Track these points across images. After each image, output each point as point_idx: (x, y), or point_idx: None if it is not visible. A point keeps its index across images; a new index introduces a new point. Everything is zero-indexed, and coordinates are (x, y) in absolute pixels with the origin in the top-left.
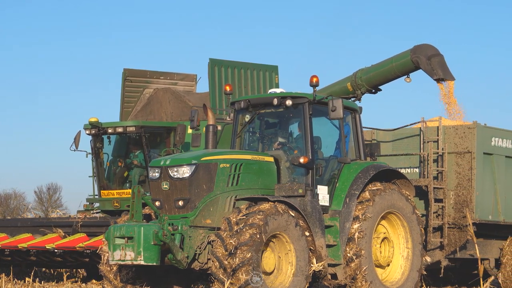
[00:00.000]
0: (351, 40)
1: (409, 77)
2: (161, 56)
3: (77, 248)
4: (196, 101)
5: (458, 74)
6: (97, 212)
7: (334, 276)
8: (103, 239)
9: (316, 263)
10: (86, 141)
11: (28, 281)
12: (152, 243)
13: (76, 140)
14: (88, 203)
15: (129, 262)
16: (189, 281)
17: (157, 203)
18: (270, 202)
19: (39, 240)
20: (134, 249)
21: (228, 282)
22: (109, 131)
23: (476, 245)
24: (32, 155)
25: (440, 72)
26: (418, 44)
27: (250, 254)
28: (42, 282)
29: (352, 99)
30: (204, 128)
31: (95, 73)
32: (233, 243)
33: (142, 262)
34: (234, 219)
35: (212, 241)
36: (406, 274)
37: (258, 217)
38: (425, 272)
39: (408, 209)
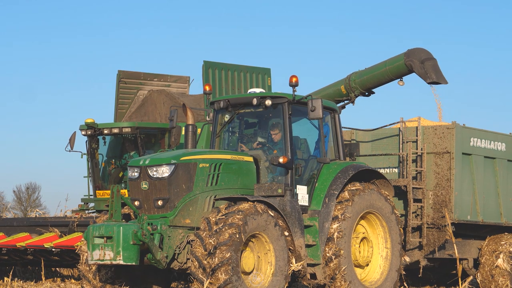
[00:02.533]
0: (345, 43)
1: (402, 80)
2: (155, 58)
3: (75, 247)
4: (190, 103)
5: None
6: (92, 212)
7: (313, 276)
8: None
9: (295, 263)
10: (81, 142)
11: (6, 281)
12: (131, 243)
13: (71, 141)
14: (83, 203)
15: (108, 262)
16: (168, 280)
17: (136, 203)
18: (249, 202)
19: (37, 239)
20: (113, 249)
21: (207, 282)
22: (105, 132)
23: (454, 245)
24: (11, 154)
25: (433, 75)
26: (412, 48)
27: (229, 254)
28: (21, 281)
29: (346, 101)
30: (199, 129)
31: (86, 74)
32: (213, 243)
33: (121, 262)
34: (213, 219)
35: (192, 240)
36: (385, 274)
37: (238, 217)
38: (404, 272)
39: (387, 209)
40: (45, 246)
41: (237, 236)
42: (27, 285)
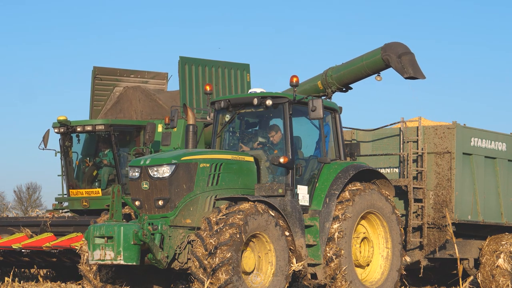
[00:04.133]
0: (322, 39)
1: (379, 75)
2: (132, 55)
3: (44, 248)
4: (166, 100)
5: (442, 71)
6: (66, 212)
7: (314, 276)
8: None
9: (296, 263)
10: (56, 140)
11: (7, 281)
12: (132, 243)
13: (45, 139)
14: (57, 202)
15: (109, 262)
16: (169, 280)
17: (137, 203)
18: (250, 202)
19: (6, 239)
20: (114, 249)
21: (208, 281)
22: (78, 129)
23: (455, 245)
24: (11, 154)
25: (410, 70)
26: (389, 42)
27: (230, 253)
28: (22, 282)
29: (323, 97)
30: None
31: (69, 71)
32: (213, 243)
33: (122, 262)
34: (214, 219)
35: (192, 241)
36: (386, 274)
37: (238, 216)
38: (404, 272)
39: (387, 209)
40: (13, 247)
41: (238, 236)
42: (28, 285)
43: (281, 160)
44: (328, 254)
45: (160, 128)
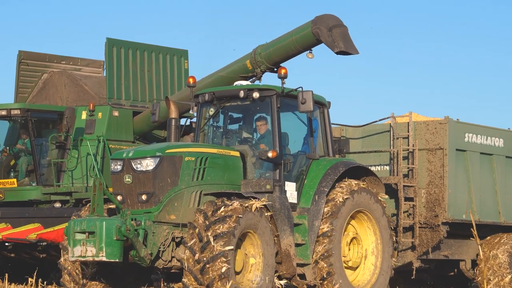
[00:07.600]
0: (254, 18)
1: (311, 52)
2: (66, 41)
3: None
4: (94, 85)
5: (435, 65)
6: None
7: (302, 277)
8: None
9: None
10: None
11: (1, 286)
12: (115, 238)
13: None
14: None
15: (90, 259)
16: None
17: (119, 197)
18: (237, 203)
19: None
20: (96, 245)
21: None
22: None
23: (479, 247)
24: None
25: (341, 44)
26: (320, 14)
27: (225, 268)
28: (13, 284)
29: (253, 78)
30: (100, 114)
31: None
32: (207, 256)
33: (104, 259)
34: (203, 231)
35: (176, 237)
36: (377, 273)
37: (230, 223)
38: (395, 265)
39: (377, 208)
40: None
41: (232, 243)
42: None
43: (270, 154)
44: (317, 255)
45: (84, 115)
